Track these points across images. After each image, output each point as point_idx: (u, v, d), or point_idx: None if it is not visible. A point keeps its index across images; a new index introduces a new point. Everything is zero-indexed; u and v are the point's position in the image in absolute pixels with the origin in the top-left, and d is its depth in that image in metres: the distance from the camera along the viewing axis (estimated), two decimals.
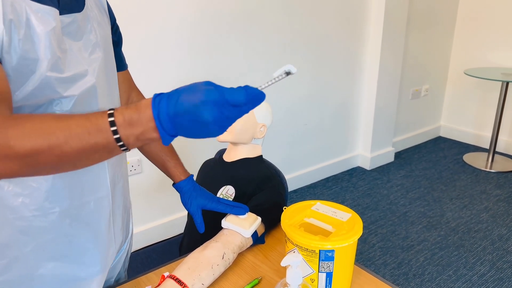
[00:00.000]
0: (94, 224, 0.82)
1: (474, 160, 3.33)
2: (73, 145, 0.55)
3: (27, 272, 0.75)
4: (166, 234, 2.25)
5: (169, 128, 0.57)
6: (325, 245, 0.81)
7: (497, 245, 2.28)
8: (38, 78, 0.63)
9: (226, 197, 1.20)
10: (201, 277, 0.87)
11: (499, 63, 3.38)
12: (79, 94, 0.70)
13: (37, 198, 0.72)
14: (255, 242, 1.05)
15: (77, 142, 0.56)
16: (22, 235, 0.72)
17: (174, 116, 0.56)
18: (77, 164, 0.59)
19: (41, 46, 0.62)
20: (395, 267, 2.11)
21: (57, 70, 0.65)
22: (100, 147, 0.57)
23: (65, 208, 0.75)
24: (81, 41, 0.72)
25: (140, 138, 0.58)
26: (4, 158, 0.54)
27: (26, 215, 0.71)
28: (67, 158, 0.56)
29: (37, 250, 0.74)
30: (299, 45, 2.60)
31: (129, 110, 0.57)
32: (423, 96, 3.60)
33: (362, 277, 0.95)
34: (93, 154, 0.58)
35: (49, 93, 0.65)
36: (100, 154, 0.58)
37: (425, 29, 3.36)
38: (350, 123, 3.13)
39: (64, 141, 0.55)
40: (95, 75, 0.74)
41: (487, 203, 2.71)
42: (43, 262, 0.76)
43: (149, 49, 2.02)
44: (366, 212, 2.63)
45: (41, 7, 0.63)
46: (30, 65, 0.62)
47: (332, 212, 0.92)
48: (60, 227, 0.75)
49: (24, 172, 0.57)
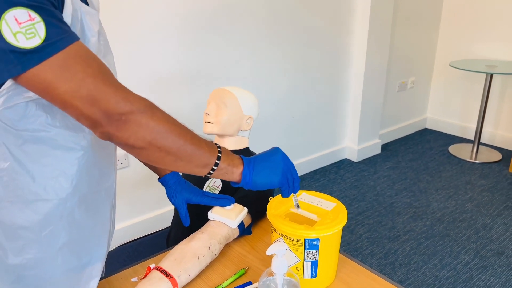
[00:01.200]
0: (103, 212, 0.84)
1: (459, 151, 3.38)
2: (192, 146, 0.72)
3: (41, 255, 0.75)
4: (153, 228, 2.23)
5: (244, 185, 0.81)
6: (310, 234, 0.81)
7: (481, 234, 2.32)
8: None
9: (213, 189, 1.20)
10: (187, 268, 0.88)
11: (483, 55, 3.43)
12: None
13: (61, 183, 0.73)
14: (242, 233, 1.06)
15: (197, 145, 0.73)
16: (40, 218, 0.73)
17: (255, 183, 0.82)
18: (180, 161, 0.72)
19: (90, 43, 0.68)
20: (382, 257, 2.14)
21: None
22: (197, 167, 0.75)
23: (83, 194, 0.77)
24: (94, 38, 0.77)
25: (220, 178, 0.80)
26: (143, 125, 0.65)
27: (45, 198, 0.72)
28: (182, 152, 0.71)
29: (52, 235, 0.75)
30: (285, 37, 2.60)
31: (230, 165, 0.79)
32: (409, 88, 3.64)
33: (348, 265, 0.96)
34: (194, 160, 0.74)
35: None
36: (196, 163, 0.75)
37: (411, 21, 3.39)
38: (338, 116, 3.14)
39: (190, 138, 0.72)
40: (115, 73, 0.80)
41: (472, 193, 2.75)
42: (56, 247, 0.76)
43: (136, 43, 2.00)
44: (353, 203, 2.66)
45: (89, 9, 0.68)
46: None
47: (317, 201, 0.93)
48: (76, 213, 0.77)
49: (144, 146, 0.67)
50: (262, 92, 2.60)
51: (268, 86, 2.62)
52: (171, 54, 2.14)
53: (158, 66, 2.11)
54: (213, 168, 0.76)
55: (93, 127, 0.64)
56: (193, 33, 2.18)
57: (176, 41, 2.14)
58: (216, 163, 0.76)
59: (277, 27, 2.53)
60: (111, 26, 1.89)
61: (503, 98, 3.41)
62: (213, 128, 1.19)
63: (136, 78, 2.04)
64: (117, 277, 0.94)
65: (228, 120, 1.18)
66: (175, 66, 2.17)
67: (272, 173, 0.82)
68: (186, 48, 2.18)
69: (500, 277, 1.99)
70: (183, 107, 2.25)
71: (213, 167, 0.76)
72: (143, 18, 1.99)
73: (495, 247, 2.21)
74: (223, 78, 2.38)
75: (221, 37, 2.30)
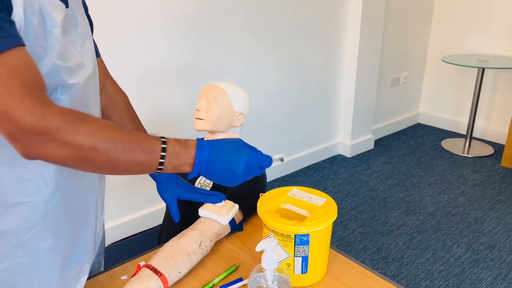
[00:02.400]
0: (87, 210, 0.83)
1: (452, 146, 3.40)
2: (125, 155, 0.66)
3: (27, 259, 0.74)
4: (145, 226, 2.23)
5: (202, 169, 0.72)
6: (300, 230, 0.81)
7: (473, 228, 2.34)
8: (47, 65, 0.65)
9: (204, 186, 1.20)
10: (178, 265, 0.87)
11: (475, 50, 3.44)
12: (82, 82, 0.74)
13: (40, 184, 0.72)
14: (233, 230, 1.05)
15: (130, 154, 0.66)
16: (22, 222, 0.72)
17: (211, 163, 0.72)
18: (118, 171, 0.68)
19: (53, 35, 0.65)
20: (374, 252, 2.15)
21: (63, 59, 0.68)
22: (145, 164, 0.68)
23: (64, 194, 0.76)
24: (70, 35, 0.74)
25: (175, 168, 0.71)
26: (62, 146, 0.61)
27: (26, 200, 0.71)
28: (115, 164, 0.66)
29: (36, 236, 0.74)
30: (277, 33, 2.59)
31: (179, 145, 0.71)
32: (402, 83, 3.64)
33: (339, 260, 0.96)
34: (134, 167, 0.68)
35: (57, 80, 0.68)
36: (138, 169, 0.69)
37: (404, 16, 3.39)
38: (331, 112, 3.14)
39: (121, 149, 0.65)
40: (91, 66, 0.78)
41: (464, 188, 2.77)
42: (42, 250, 0.75)
43: (124, 37, 1.98)
44: (347, 198, 2.66)
45: (51, 0, 0.66)
46: (40, 53, 0.64)
47: (308, 197, 0.92)
48: (59, 214, 0.76)
49: (70, 163, 0.64)
50: (254, 88, 2.59)
51: (260, 81, 2.62)
52: (160, 49, 2.12)
53: (146, 61, 2.09)
54: (163, 153, 0.69)
55: (12, 143, 0.61)
56: (183, 27, 2.17)
57: (165, 36, 2.12)
58: (163, 148, 0.69)
59: (269, 22, 2.52)
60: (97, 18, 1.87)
61: (495, 92, 3.43)
62: (203, 125, 1.18)
63: (124, 74, 2.02)
64: (107, 275, 0.94)
65: (219, 116, 1.17)
66: (165, 62, 2.16)
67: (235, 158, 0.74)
68: (175, 43, 2.17)
69: (492, 270, 2.00)
70: (174, 103, 2.24)
71: (162, 153, 0.69)
72: (130, 11, 1.97)
73: (487, 241, 2.22)
74: (213, 74, 2.37)
75: (212, 32, 2.29)
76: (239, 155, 0.74)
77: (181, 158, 0.71)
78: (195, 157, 0.71)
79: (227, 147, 0.74)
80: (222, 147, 0.74)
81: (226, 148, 0.74)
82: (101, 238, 1.02)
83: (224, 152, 0.73)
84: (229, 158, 0.73)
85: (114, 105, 1.02)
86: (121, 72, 2.00)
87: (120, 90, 1.06)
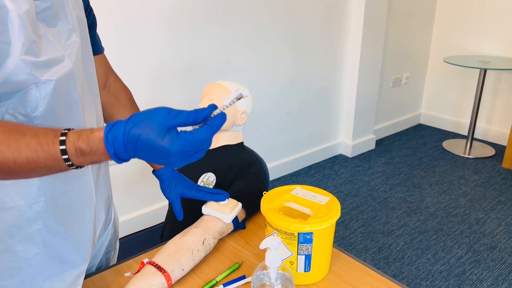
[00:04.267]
0: (78, 212, 0.81)
1: (453, 147, 3.40)
2: (22, 166, 0.57)
3: (16, 264, 0.73)
4: (148, 224, 2.24)
5: (126, 158, 0.60)
6: (304, 228, 0.82)
7: (474, 229, 2.34)
8: (12, 61, 0.61)
9: (207, 184, 1.20)
10: (181, 263, 0.87)
11: (477, 51, 3.44)
12: (57, 79, 0.68)
13: (21, 189, 0.70)
14: (236, 228, 1.06)
15: (26, 164, 0.58)
16: (7, 227, 0.71)
17: (134, 153, 0.59)
18: (29, 177, 0.61)
19: (14, 28, 0.60)
20: (375, 252, 2.16)
21: (32, 54, 0.64)
22: (52, 169, 0.60)
23: (50, 196, 0.74)
24: (56, 28, 0.70)
25: (94, 162, 0.61)
26: None
27: (10, 205, 0.70)
28: (16, 174, 0.58)
29: (23, 242, 0.73)
30: (280, 33, 2.59)
31: (80, 141, 0.59)
32: (403, 84, 3.64)
33: (341, 259, 0.96)
34: (45, 173, 0.60)
35: (26, 77, 0.64)
36: (53, 172, 0.61)
37: (406, 17, 3.39)
38: (332, 111, 3.15)
39: (12, 161, 0.57)
40: (72, 60, 0.72)
41: (465, 188, 2.77)
42: (30, 254, 0.74)
43: (128, 34, 1.99)
44: (348, 198, 2.67)
45: None
46: (4, 49, 0.60)
47: (311, 196, 0.93)
48: (46, 217, 0.74)
49: None
50: (256, 87, 2.59)
51: (262, 81, 2.62)
52: (164, 48, 2.13)
53: (151, 59, 2.10)
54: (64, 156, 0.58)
55: None
56: (187, 26, 2.17)
57: (169, 34, 2.12)
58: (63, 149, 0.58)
59: (272, 22, 2.53)
60: (100, 14, 1.87)
61: (496, 93, 3.43)
62: None
63: (128, 72, 2.02)
64: (110, 272, 0.94)
65: None
66: (168, 60, 2.16)
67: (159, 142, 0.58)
68: (176, 39, 2.17)
69: (493, 271, 2.01)
70: (178, 101, 2.24)
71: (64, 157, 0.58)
72: (134, 9, 1.98)
73: (488, 242, 2.23)
74: (217, 73, 2.37)
75: (216, 32, 2.29)
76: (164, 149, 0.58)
77: (91, 155, 0.59)
78: (109, 154, 0.59)
79: (144, 136, 0.58)
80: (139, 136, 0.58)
81: (144, 139, 0.58)
82: (111, 236, 1.01)
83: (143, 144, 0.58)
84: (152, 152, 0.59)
85: (117, 102, 1.01)
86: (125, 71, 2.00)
87: (123, 86, 1.05)
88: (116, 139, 0.58)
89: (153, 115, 0.59)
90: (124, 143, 0.58)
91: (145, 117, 0.59)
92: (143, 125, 0.58)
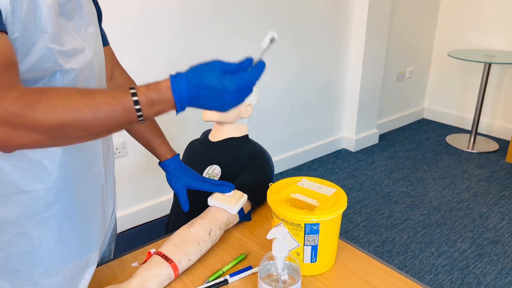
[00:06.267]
0: (92, 200, 0.83)
1: (457, 141, 3.39)
2: (99, 120, 0.61)
3: (31, 248, 0.74)
4: (152, 217, 2.24)
5: (187, 105, 0.67)
6: (310, 219, 0.82)
7: (477, 223, 2.34)
8: (40, 49, 0.64)
9: (212, 177, 1.20)
10: (188, 253, 0.88)
11: (481, 45, 3.42)
12: (80, 68, 0.72)
13: (40, 173, 0.71)
14: (242, 219, 1.06)
15: (104, 118, 0.62)
16: (25, 210, 0.72)
17: (195, 98, 0.65)
18: (100, 135, 0.65)
19: (42, 18, 0.63)
20: (379, 245, 2.16)
21: (58, 42, 0.66)
22: (124, 121, 0.64)
23: (68, 183, 0.75)
24: (73, 21, 0.73)
25: (158, 113, 0.66)
26: (32, 130, 0.58)
27: (29, 189, 0.71)
28: (93, 130, 0.62)
29: (39, 226, 0.74)
30: (284, 27, 2.59)
31: (150, 91, 0.64)
32: (407, 78, 3.63)
33: (347, 250, 0.97)
34: (116, 127, 0.64)
35: (52, 65, 0.66)
36: (122, 126, 0.65)
37: (410, 11, 3.37)
38: (336, 106, 3.14)
39: (92, 117, 0.61)
40: (91, 51, 0.76)
41: (469, 183, 2.77)
42: (46, 239, 0.75)
43: (134, 29, 1.98)
44: (351, 192, 2.67)
45: None
46: (32, 37, 0.63)
47: (318, 187, 0.93)
48: (62, 203, 0.75)
49: (50, 143, 0.62)
50: (260, 83, 2.59)
51: (266, 75, 2.61)
52: (171, 43, 2.12)
53: (156, 54, 2.09)
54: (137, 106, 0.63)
55: None
56: (192, 23, 2.17)
57: (177, 30, 2.12)
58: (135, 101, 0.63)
59: (276, 17, 2.52)
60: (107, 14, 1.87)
61: (500, 88, 3.42)
62: (212, 116, 1.19)
63: (133, 67, 2.02)
64: (117, 262, 0.95)
65: None
66: (176, 55, 2.16)
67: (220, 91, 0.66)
68: (180, 34, 2.17)
69: (496, 265, 2.01)
70: None
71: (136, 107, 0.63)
72: (136, 9, 1.97)
73: (491, 236, 2.23)
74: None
75: (221, 28, 2.29)
76: (224, 88, 0.65)
77: (159, 103, 0.65)
78: (174, 100, 0.65)
79: (206, 79, 0.65)
80: (201, 79, 0.65)
81: (206, 81, 0.65)
82: (113, 226, 1.02)
83: (205, 87, 0.65)
84: (213, 92, 0.65)
85: None
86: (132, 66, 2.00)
87: (129, 79, 1.06)
88: (181, 85, 0.65)
89: (210, 64, 0.67)
90: (188, 88, 0.65)
91: (203, 66, 0.67)
92: (203, 71, 0.66)
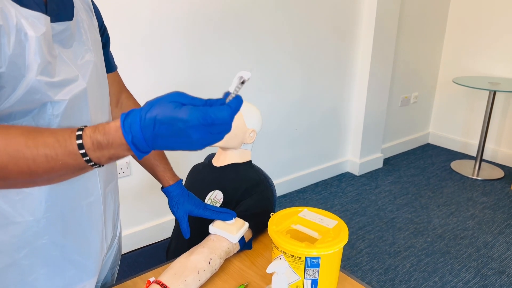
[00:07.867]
0: (86, 228, 0.82)
1: (462, 168, 3.37)
2: (40, 165, 0.56)
3: (21, 278, 0.74)
4: (154, 237, 2.24)
5: (145, 148, 0.57)
6: (311, 252, 0.81)
7: (482, 252, 2.31)
8: (28, 82, 0.63)
9: (215, 202, 1.20)
10: (187, 283, 0.87)
11: (487, 72, 3.44)
12: (70, 98, 0.71)
13: (30, 204, 0.71)
14: (242, 248, 1.06)
15: (45, 162, 0.56)
16: (14, 241, 0.72)
17: (153, 139, 0.56)
18: (50, 180, 0.59)
19: (31, 51, 0.63)
20: (382, 273, 2.13)
21: (47, 74, 0.66)
22: (70, 166, 0.57)
23: (58, 213, 0.75)
24: (71, 49, 0.73)
25: (112, 158, 0.58)
26: None
27: (18, 220, 0.71)
28: (37, 175, 0.57)
29: (30, 256, 0.74)
30: (290, 51, 2.62)
31: (96, 133, 0.56)
32: (412, 103, 3.64)
33: (348, 283, 0.95)
34: (64, 172, 0.58)
35: (41, 97, 0.66)
36: (74, 171, 0.59)
37: (415, 37, 3.40)
38: (340, 129, 3.15)
39: (32, 160, 0.55)
40: (86, 80, 0.74)
41: (473, 210, 2.74)
42: (36, 268, 0.75)
43: (140, 51, 2.01)
44: (354, 217, 2.65)
45: (31, 13, 0.64)
46: (20, 69, 0.62)
47: (319, 219, 0.93)
48: (53, 232, 0.75)
49: (2, 186, 0.58)
50: (265, 105, 2.60)
51: (272, 99, 2.63)
52: (178, 64, 2.15)
53: (160, 75, 2.12)
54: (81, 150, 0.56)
55: None
56: (196, 43, 2.20)
57: (183, 51, 2.15)
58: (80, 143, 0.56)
59: (282, 41, 2.55)
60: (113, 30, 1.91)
61: (505, 115, 3.41)
62: None
63: (138, 87, 2.04)
64: None
65: (231, 133, 1.18)
66: (182, 77, 2.18)
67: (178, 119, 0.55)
68: (188, 57, 2.19)
69: None
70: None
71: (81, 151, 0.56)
72: (145, 27, 2.01)
73: (496, 266, 2.19)
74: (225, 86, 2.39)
75: (226, 47, 2.32)
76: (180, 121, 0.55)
77: (109, 147, 0.57)
78: (127, 143, 0.56)
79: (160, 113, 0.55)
80: (155, 115, 0.55)
81: (160, 115, 0.55)
82: (116, 251, 1.02)
83: (160, 122, 0.55)
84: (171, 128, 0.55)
85: None
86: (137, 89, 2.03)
87: (135, 103, 1.07)
88: (133, 125, 0.55)
89: (166, 96, 0.57)
90: (141, 127, 0.55)
91: (159, 100, 0.57)
92: (158, 106, 0.56)
